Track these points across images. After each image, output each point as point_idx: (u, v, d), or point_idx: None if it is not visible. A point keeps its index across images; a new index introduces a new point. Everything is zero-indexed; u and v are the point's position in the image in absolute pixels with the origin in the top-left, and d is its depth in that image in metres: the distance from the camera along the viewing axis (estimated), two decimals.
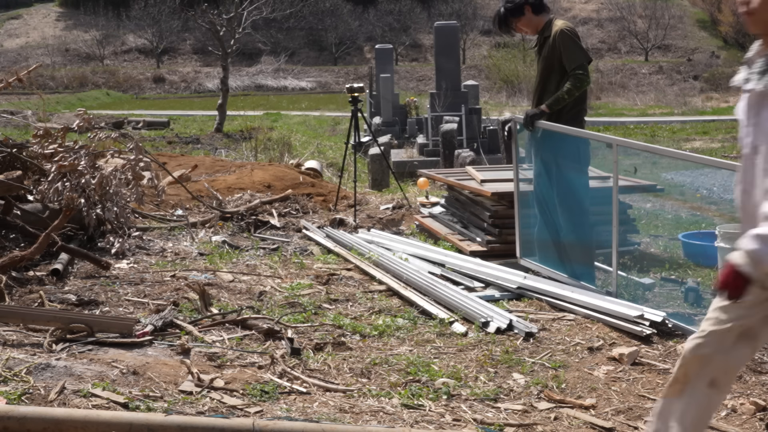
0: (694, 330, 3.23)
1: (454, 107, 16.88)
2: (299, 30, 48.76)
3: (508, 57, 38.23)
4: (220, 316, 4.77)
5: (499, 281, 5.67)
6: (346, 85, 9.28)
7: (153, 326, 4.41)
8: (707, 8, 48.93)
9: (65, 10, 54.56)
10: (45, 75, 40.67)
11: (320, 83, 44.39)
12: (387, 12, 49.50)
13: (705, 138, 20.52)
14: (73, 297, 5.04)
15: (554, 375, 4.06)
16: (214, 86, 39.09)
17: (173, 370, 3.78)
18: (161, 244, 6.85)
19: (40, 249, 5.40)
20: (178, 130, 22.04)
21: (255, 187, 9.24)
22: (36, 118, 18.74)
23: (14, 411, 3.05)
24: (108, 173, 6.69)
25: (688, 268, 6.69)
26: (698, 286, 5.49)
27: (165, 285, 5.47)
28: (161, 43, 47.73)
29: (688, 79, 39.79)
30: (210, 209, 8.16)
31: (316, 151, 16.61)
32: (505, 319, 4.82)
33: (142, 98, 40.47)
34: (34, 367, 3.63)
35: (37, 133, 7.23)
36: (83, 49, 48.72)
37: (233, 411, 3.40)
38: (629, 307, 4.88)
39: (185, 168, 10.28)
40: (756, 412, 3.65)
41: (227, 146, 17.81)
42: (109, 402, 3.32)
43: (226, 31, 21.65)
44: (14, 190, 6.12)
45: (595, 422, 3.54)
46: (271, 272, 6.08)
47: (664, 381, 4.04)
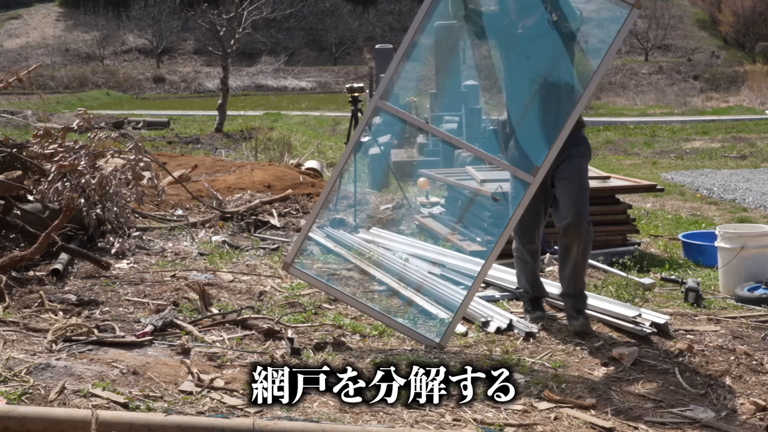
0: None
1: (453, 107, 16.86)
2: (299, 30, 48.77)
3: None
4: (220, 316, 4.77)
5: (499, 281, 5.67)
6: (346, 85, 9.29)
7: (153, 326, 4.41)
8: (707, 8, 48.92)
9: (65, 10, 54.55)
10: (45, 75, 40.66)
11: (320, 83, 44.38)
12: (387, 12, 49.50)
13: (705, 138, 20.52)
14: (73, 297, 5.04)
15: (554, 375, 4.06)
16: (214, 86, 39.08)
17: (173, 370, 3.77)
18: (161, 244, 6.85)
19: (40, 249, 5.40)
20: (178, 130, 22.03)
21: (255, 187, 9.24)
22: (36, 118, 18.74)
23: (14, 411, 3.05)
24: (108, 173, 6.69)
25: (688, 268, 6.70)
26: (698, 286, 5.49)
27: (165, 285, 5.47)
28: (161, 43, 47.72)
29: (688, 79, 39.78)
30: (210, 209, 8.16)
31: (316, 151, 16.60)
32: (505, 319, 4.83)
33: (142, 98, 40.46)
34: (34, 367, 3.62)
35: (37, 133, 7.23)
36: (83, 49, 48.71)
37: (233, 411, 3.40)
38: (627, 308, 4.89)
39: (185, 168, 10.28)
40: (756, 412, 3.65)
41: (227, 146, 17.80)
42: (109, 402, 3.32)
43: (226, 31, 21.64)
44: (14, 190, 6.12)
45: (595, 422, 3.54)
46: (271, 272, 6.08)
47: (664, 381, 4.04)
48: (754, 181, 12.97)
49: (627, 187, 7.51)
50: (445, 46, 8.13)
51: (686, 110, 28.91)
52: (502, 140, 4.82)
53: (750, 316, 5.07)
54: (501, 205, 4.87)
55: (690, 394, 3.90)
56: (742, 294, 5.48)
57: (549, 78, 4.58)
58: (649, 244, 7.71)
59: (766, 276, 5.65)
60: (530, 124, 4.67)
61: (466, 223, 6.85)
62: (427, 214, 8.07)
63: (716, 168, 15.29)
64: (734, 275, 5.76)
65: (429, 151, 15.67)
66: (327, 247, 6.87)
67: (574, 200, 4.63)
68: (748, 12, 43.52)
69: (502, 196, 4.75)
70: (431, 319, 4.96)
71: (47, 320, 4.49)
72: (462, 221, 6.51)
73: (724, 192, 12.00)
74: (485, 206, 6.57)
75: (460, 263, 6.01)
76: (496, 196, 4.68)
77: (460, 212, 6.66)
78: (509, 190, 4.93)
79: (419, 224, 7.94)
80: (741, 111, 27.73)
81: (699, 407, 3.73)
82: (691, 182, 13.21)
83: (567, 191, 4.63)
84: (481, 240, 6.59)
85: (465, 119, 12.14)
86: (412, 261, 6.23)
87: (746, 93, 32.72)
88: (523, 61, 4.61)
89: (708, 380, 4.04)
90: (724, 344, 4.51)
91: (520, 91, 4.71)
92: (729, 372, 4.12)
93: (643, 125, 23.27)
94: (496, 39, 4.77)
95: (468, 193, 6.81)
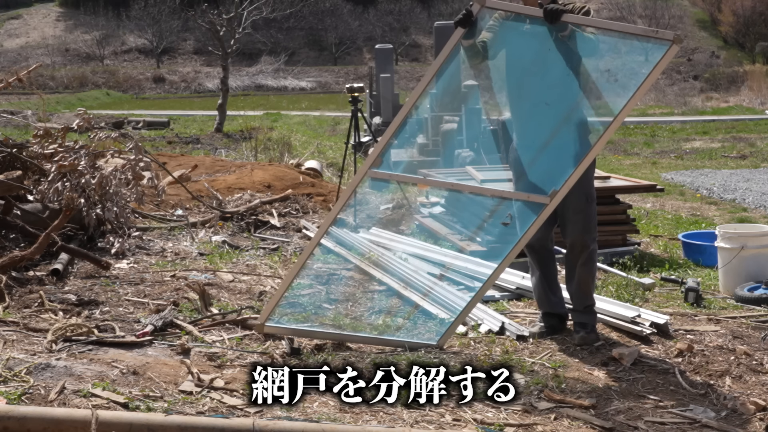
0: None
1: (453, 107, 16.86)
2: (299, 30, 48.78)
3: None
4: (220, 316, 4.77)
5: (499, 281, 5.66)
6: (346, 85, 9.28)
7: (153, 326, 4.41)
8: (707, 8, 48.94)
9: (65, 10, 54.55)
10: (45, 75, 40.66)
11: (320, 83, 44.39)
12: (387, 12, 49.52)
13: (705, 138, 20.53)
14: (73, 297, 5.04)
15: (554, 375, 4.06)
16: (214, 86, 39.08)
17: (173, 370, 3.77)
18: (161, 244, 6.85)
19: (40, 249, 5.40)
20: (178, 130, 22.03)
21: (255, 187, 9.24)
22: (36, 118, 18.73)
23: (14, 411, 3.05)
24: (108, 173, 6.69)
25: (688, 268, 6.70)
26: (698, 286, 5.49)
27: (165, 285, 5.47)
28: (161, 43, 47.72)
29: (688, 79, 39.79)
30: (210, 209, 8.16)
31: (316, 151, 16.60)
32: (498, 322, 4.81)
33: (142, 98, 40.46)
34: (34, 367, 3.63)
35: (37, 133, 7.23)
36: (83, 49, 48.72)
37: (233, 411, 3.40)
38: (627, 308, 4.89)
39: (185, 168, 10.28)
40: (756, 412, 3.65)
41: (227, 146, 17.80)
42: (109, 402, 3.32)
43: (226, 31, 21.64)
44: (14, 190, 6.11)
45: (595, 422, 3.54)
46: (271, 272, 6.08)
47: (664, 381, 4.04)
48: (754, 181, 12.97)
49: (627, 187, 7.52)
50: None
51: (686, 110, 28.91)
52: (502, 142, 4.72)
53: (750, 316, 5.07)
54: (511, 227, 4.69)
55: (690, 394, 3.90)
56: (742, 294, 5.48)
57: (569, 119, 4.43)
58: (649, 244, 7.71)
59: (766, 276, 5.65)
60: (549, 154, 4.52)
61: (478, 230, 6.70)
62: (427, 214, 8.07)
63: (716, 168, 15.29)
64: (734, 275, 5.76)
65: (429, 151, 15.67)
66: (327, 247, 6.87)
67: (580, 216, 4.52)
68: (748, 12, 43.53)
69: (512, 219, 4.63)
70: (431, 319, 4.96)
71: (47, 320, 4.49)
72: (475, 229, 6.30)
73: (724, 192, 12.00)
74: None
75: (470, 266, 5.93)
76: (506, 221, 4.58)
77: (476, 221, 6.42)
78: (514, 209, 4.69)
79: (419, 224, 7.94)
80: (741, 111, 27.73)
81: (699, 407, 3.73)
82: (691, 182, 13.22)
83: (572, 206, 4.49)
84: (485, 243, 6.47)
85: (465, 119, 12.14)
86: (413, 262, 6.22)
87: (746, 93, 32.73)
88: (541, 107, 4.45)
89: (708, 380, 4.04)
90: (724, 344, 4.51)
91: (538, 133, 4.54)
92: (729, 372, 4.12)
93: (643, 125, 23.26)
94: (513, 85, 4.62)
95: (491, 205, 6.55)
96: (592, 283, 4.68)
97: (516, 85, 4.59)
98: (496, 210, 4.52)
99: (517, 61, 4.53)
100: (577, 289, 4.62)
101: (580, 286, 4.61)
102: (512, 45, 4.49)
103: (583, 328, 4.58)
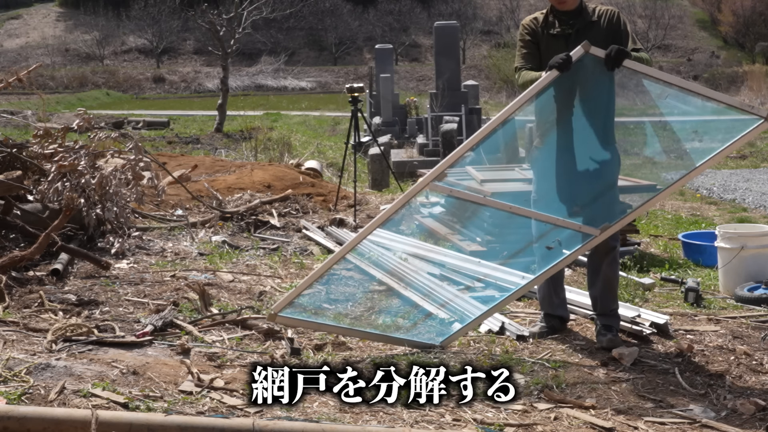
0: None
1: (453, 107, 16.89)
2: (299, 30, 48.80)
3: (508, 57, 38.21)
4: (220, 316, 4.77)
5: (499, 281, 5.65)
6: (346, 85, 9.28)
7: (153, 326, 4.41)
8: (707, 8, 48.95)
9: (65, 10, 54.59)
10: (45, 75, 40.70)
11: (320, 83, 44.42)
12: (387, 12, 49.55)
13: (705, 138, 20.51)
14: (73, 297, 5.04)
15: (554, 375, 4.06)
16: (214, 86, 39.13)
17: (173, 370, 3.77)
18: (161, 244, 6.85)
19: (40, 249, 5.40)
20: (178, 130, 22.05)
21: (255, 187, 9.24)
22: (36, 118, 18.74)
23: (14, 411, 3.05)
24: (108, 173, 6.69)
25: (688, 268, 6.70)
26: (698, 286, 5.49)
27: (165, 285, 5.47)
28: (161, 43, 47.75)
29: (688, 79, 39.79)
30: (210, 209, 8.16)
31: (316, 151, 16.61)
32: (498, 322, 4.81)
33: (142, 98, 40.50)
34: (34, 367, 3.62)
35: (37, 133, 7.23)
36: (83, 49, 48.75)
37: (233, 411, 3.40)
38: (627, 308, 4.88)
39: (185, 168, 10.28)
40: (756, 412, 3.65)
41: (227, 146, 17.81)
42: (109, 402, 3.32)
43: (226, 31, 21.65)
44: (14, 190, 6.12)
45: (595, 422, 3.54)
46: (271, 272, 6.08)
47: (664, 381, 4.04)
48: (754, 181, 12.97)
49: (627, 187, 7.50)
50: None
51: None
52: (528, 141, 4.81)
53: (750, 316, 5.07)
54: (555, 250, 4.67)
55: (690, 394, 3.90)
56: (742, 294, 5.48)
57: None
58: (649, 244, 7.71)
59: (766, 276, 5.65)
60: (613, 192, 4.80)
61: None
62: (427, 215, 8.07)
63: (716, 168, 15.28)
64: (734, 275, 5.76)
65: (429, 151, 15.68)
66: (327, 247, 6.87)
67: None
68: (748, 12, 43.55)
69: (557, 244, 4.62)
70: (431, 319, 4.95)
71: (47, 320, 4.49)
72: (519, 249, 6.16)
73: (724, 192, 12.00)
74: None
75: (496, 273, 5.86)
76: (551, 245, 4.58)
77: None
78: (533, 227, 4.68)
79: (419, 224, 7.93)
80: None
81: (699, 407, 3.73)
82: (690, 182, 13.21)
83: None
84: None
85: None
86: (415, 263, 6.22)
87: (746, 93, 32.72)
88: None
89: (708, 380, 4.04)
90: (724, 344, 4.51)
91: (609, 170, 4.87)
92: (729, 372, 4.12)
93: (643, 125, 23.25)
94: (579, 116, 4.89)
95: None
96: (617, 283, 4.69)
97: (582, 116, 4.79)
98: (546, 234, 4.56)
99: (591, 100, 4.77)
100: (603, 291, 4.60)
101: (607, 286, 4.60)
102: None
103: (610, 331, 4.56)
